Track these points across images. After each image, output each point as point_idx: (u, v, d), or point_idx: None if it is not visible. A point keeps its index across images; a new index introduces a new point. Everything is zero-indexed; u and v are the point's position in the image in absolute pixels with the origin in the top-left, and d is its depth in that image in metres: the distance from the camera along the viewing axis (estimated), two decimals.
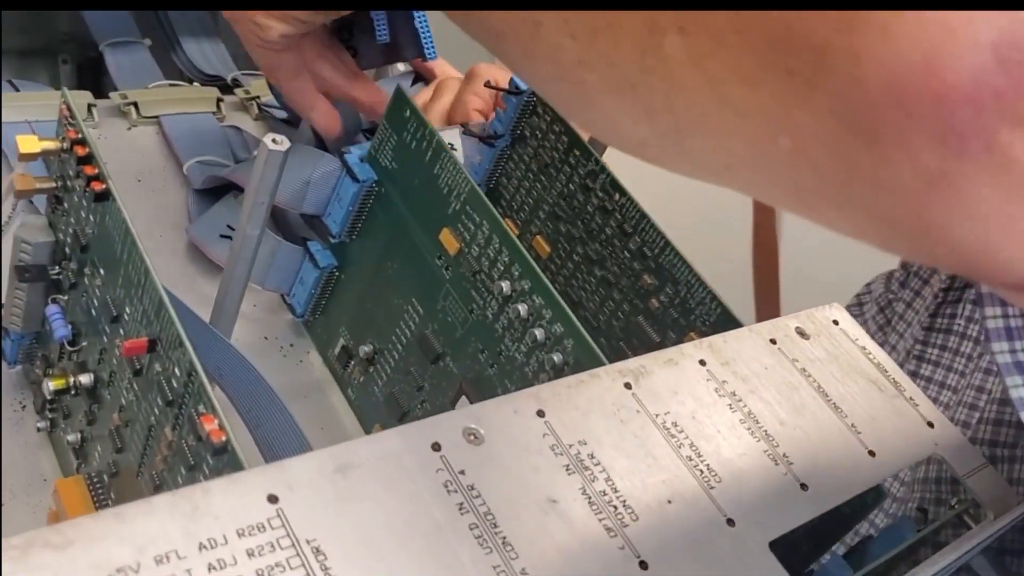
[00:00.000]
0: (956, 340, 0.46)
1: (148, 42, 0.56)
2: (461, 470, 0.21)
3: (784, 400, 0.27)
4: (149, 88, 0.51)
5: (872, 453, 0.27)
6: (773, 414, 0.27)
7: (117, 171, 0.30)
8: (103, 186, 0.26)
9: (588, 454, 0.23)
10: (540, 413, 0.23)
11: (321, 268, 0.39)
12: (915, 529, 0.29)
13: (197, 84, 0.54)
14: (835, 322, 0.32)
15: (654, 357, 0.27)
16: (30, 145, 0.27)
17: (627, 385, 0.25)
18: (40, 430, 0.33)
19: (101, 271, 0.27)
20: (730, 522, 0.23)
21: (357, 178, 0.36)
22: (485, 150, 0.41)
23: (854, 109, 0.14)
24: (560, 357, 0.29)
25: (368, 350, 0.38)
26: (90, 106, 0.48)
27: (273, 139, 0.29)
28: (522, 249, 0.30)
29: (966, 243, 0.15)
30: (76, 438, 0.30)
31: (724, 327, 0.33)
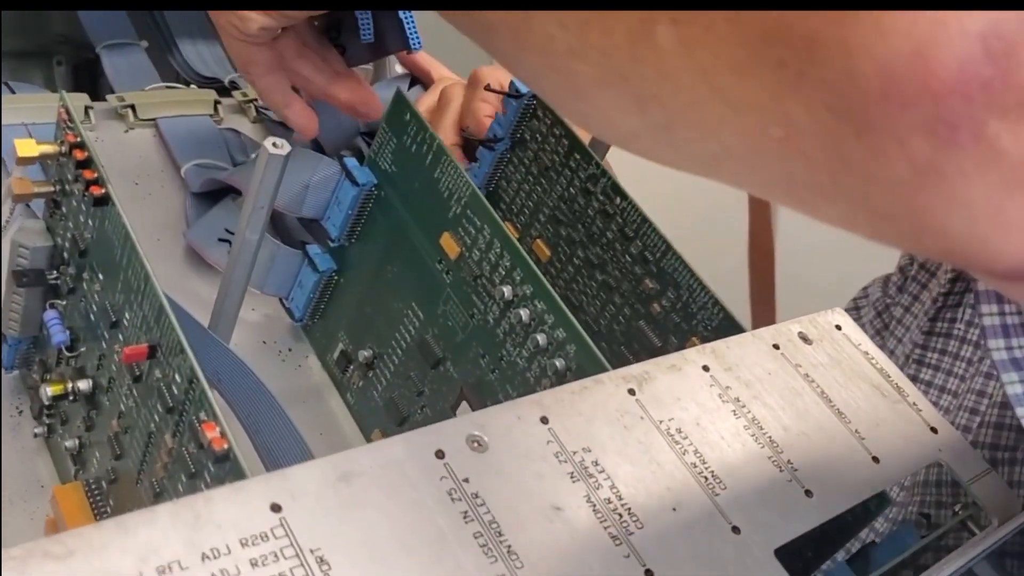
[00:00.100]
0: (956, 344, 0.46)
1: (145, 44, 0.56)
2: (465, 478, 0.21)
3: (788, 406, 0.27)
4: (146, 90, 0.51)
5: (876, 459, 0.27)
6: (777, 420, 0.27)
7: (114, 174, 0.29)
8: (102, 190, 0.25)
9: (592, 461, 0.23)
10: (544, 420, 0.23)
11: (320, 272, 0.39)
12: (918, 535, 0.29)
13: (194, 86, 0.54)
14: (837, 327, 0.32)
15: (657, 363, 0.26)
16: (28, 149, 0.27)
17: (631, 391, 0.25)
18: (37, 436, 0.33)
19: (100, 276, 0.27)
20: (735, 529, 0.23)
21: (357, 182, 0.36)
22: (485, 153, 0.40)
23: (845, 100, 0.14)
24: (562, 363, 0.29)
25: (367, 355, 0.38)
26: (87, 108, 0.48)
27: (273, 143, 0.29)
28: (524, 253, 0.30)
29: (955, 233, 0.15)
30: (74, 444, 0.30)
31: (726, 332, 0.33)
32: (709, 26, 0.15)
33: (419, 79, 0.55)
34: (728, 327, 0.33)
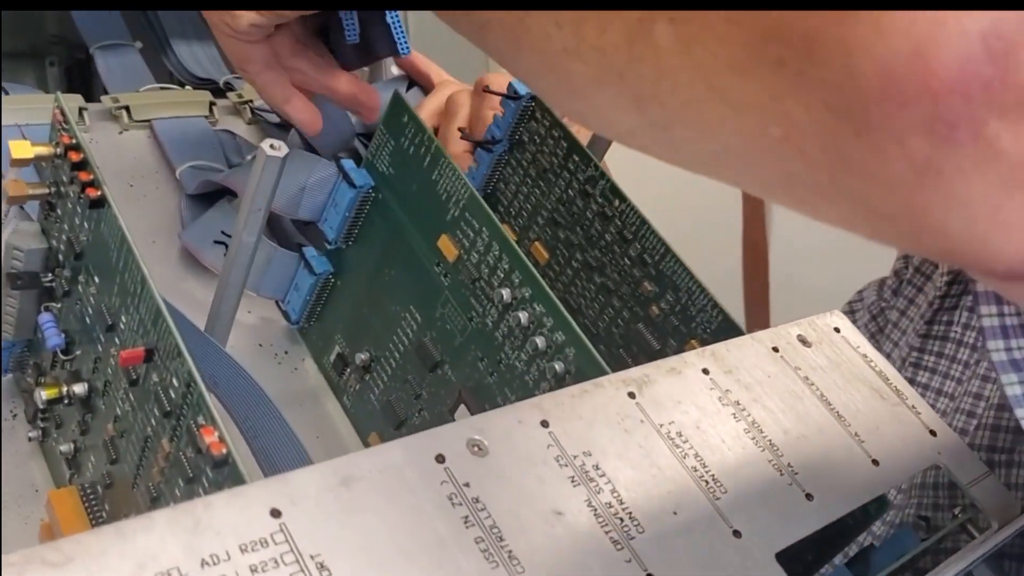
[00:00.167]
0: (953, 347, 0.46)
1: (139, 45, 0.55)
2: (466, 482, 0.21)
3: (788, 409, 0.27)
4: (141, 91, 0.51)
5: (876, 462, 0.27)
6: (777, 423, 0.27)
7: (108, 176, 0.29)
8: (98, 193, 0.25)
9: (593, 465, 0.23)
10: (544, 423, 0.23)
11: (317, 274, 0.39)
12: (918, 538, 0.29)
13: (189, 87, 0.54)
14: (836, 329, 0.32)
15: (657, 366, 0.26)
16: (23, 150, 0.27)
17: (631, 394, 0.25)
18: (31, 440, 0.33)
19: (96, 279, 0.27)
20: (736, 533, 0.23)
21: (354, 184, 0.36)
22: (483, 155, 0.40)
23: (845, 99, 0.14)
24: (562, 366, 0.29)
25: (364, 358, 0.38)
26: (81, 110, 0.47)
27: (271, 144, 0.29)
28: (522, 256, 0.30)
29: (953, 232, 0.15)
30: (69, 448, 0.30)
31: (725, 335, 0.33)
32: (707, 25, 0.15)
33: (417, 82, 0.54)
34: (727, 330, 0.33)
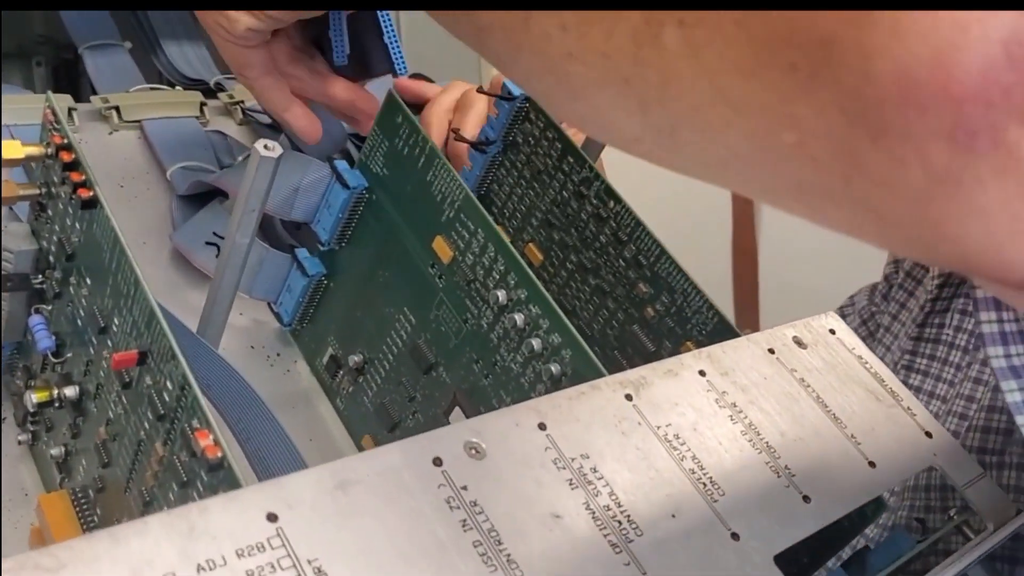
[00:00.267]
0: (945, 350, 0.46)
1: (128, 45, 0.55)
2: (463, 485, 0.20)
3: (784, 411, 0.27)
4: (131, 92, 0.51)
5: (872, 464, 0.27)
6: (774, 425, 0.27)
7: (99, 176, 0.29)
8: (90, 193, 0.25)
9: (591, 468, 0.23)
10: (541, 426, 0.23)
11: (309, 276, 0.38)
12: (913, 540, 0.29)
13: (179, 88, 0.53)
14: (831, 331, 0.32)
15: (654, 368, 0.26)
16: (14, 151, 0.26)
17: (628, 396, 0.25)
18: (21, 443, 0.32)
19: (88, 281, 0.26)
20: (734, 536, 0.23)
21: (347, 185, 0.36)
22: (476, 156, 0.40)
23: (861, 104, 0.14)
24: (558, 368, 0.29)
25: (358, 359, 0.37)
26: (70, 110, 0.47)
27: (265, 145, 0.29)
28: (518, 258, 0.30)
29: (970, 241, 0.14)
30: (60, 452, 0.29)
31: (721, 336, 0.33)
32: (717, 28, 0.15)
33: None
34: (722, 331, 0.33)
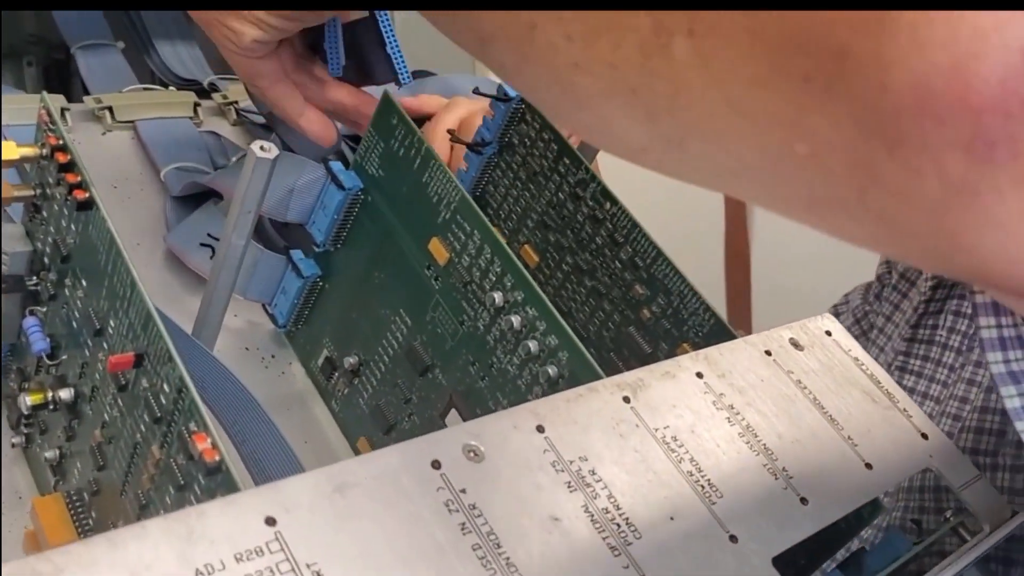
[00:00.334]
0: (938, 351, 0.46)
1: (121, 45, 0.55)
2: (462, 488, 0.20)
3: (781, 412, 0.27)
4: (124, 92, 0.50)
5: (869, 466, 0.27)
6: (771, 427, 0.27)
7: (92, 178, 0.29)
8: (86, 194, 0.25)
9: (589, 470, 0.22)
10: (540, 428, 0.23)
11: (304, 278, 0.38)
12: (910, 541, 0.29)
13: (172, 88, 0.53)
14: (828, 332, 0.32)
15: (651, 370, 0.26)
16: (8, 152, 0.26)
17: (626, 399, 0.25)
18: (15, 446, 0.32)
19: (83, 282, 0.26)
20: (733, 538, 0.23)
21: (343, 186, 0.36)
22: (472, 158, 0.40)
23: (877, 115, 0.13)
24: (555, 370, 0.29)
25: (353, 361, 0.37)
26: (63, 110, 0.47)
27: (261, 146, 0.28)
28: (515, 259, 0.30)
29: (986, 252, 0.14)
30: (54, 455, 0.29)
31: (717, 338, 0.33)
32: (728, 38, 0.15)
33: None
34: (719, 333, 0.33)
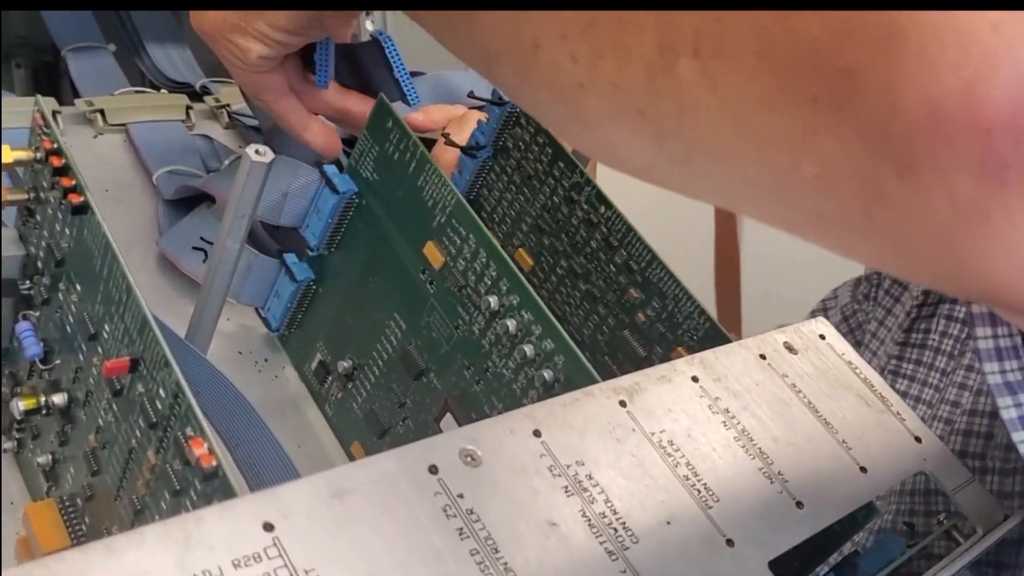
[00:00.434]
0: (931, 355, 0.46)
1: (112, 47, 0.55)
2: (460, 493, 0.20)
3: (776, 416, 0.27)
4: (115, 95, 0.50)
5: (864, 469, 0.27)
6: (766, 431, 0.27)
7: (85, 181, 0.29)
8: (81, 199, 0.25)
9: (586, 475, 0.22)
10: (536, 433, 0.23)
11: (298, 281, 0.38)
12: (904, 544, 0.29)
13: (164, 91, 0.53)
14: (821, 336, 0.32)
15: (647, 374, 0.26)
16: (4, 155, 0.26)
17: (622, 403, 0.25)
18: (7, 451, 0.32)
19: (77, 287, 0.26)
20: (729, 542, 0.23)
21: (337, 190, 0.36)
22: (466, 161, 0.40)
23: (887, 136, 0.13)
24: (551, 374, 0.29)
25: (347, 365, 0.37)
26: (54, 113, 0.46)
27: (256, 150, 0.28)
28: (510, 263, 0.30)
29: (996, 274, 0.14)
30: (47, 460, 0.29)
31: (712, 342, 0.33)
32: (735, 59, 0.15)
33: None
34: (713, 337, 0.33)
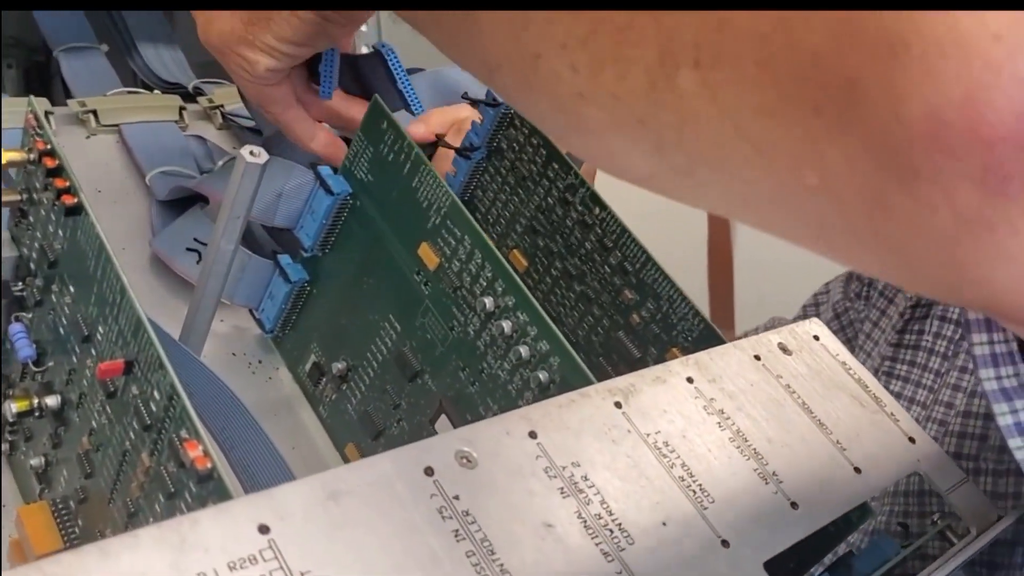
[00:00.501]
0: (924, 356, 0.46)
1: (105, 47, 0.54)
2: (455, 495, 0.20)
3: (771, 417, 0.27)
4: (108, 96, 0.50)
5: (858, 470, 0.28)
6: (761, 432, 0.27)
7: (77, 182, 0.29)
8: (75, 200, 0.24)
9: (582, 476, 0.22)
10: (532, 434, 0.23)
11: (292, 283, 0.38)
12: (898, 545, 0.29)
13: (157, 92, 0.53)
14: (815, 337, 0.32)
15: (642, 375, 0.26)
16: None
17: (617, 404, 0.25)
18: None
19: (71, 288, 0.26)
20: (724, 543, 0.23)
21: (331, 191, 0.36)
22: (461, 162, 0.40)
23: (889, 147, 0.13)
24: (546, 375, 0.29)
25: (341, 367, 0.37)
26: (47, 114, 0.46)
27: (251, 151, 0.28)
28: (506, 264, 0.30)
29: (997, 285, 0.14)
30: (40, 462, 0.29)
31: (706, 343, 0.33)
32: (736, 69, 0.14)
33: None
34: (708, 338, 0.33)
